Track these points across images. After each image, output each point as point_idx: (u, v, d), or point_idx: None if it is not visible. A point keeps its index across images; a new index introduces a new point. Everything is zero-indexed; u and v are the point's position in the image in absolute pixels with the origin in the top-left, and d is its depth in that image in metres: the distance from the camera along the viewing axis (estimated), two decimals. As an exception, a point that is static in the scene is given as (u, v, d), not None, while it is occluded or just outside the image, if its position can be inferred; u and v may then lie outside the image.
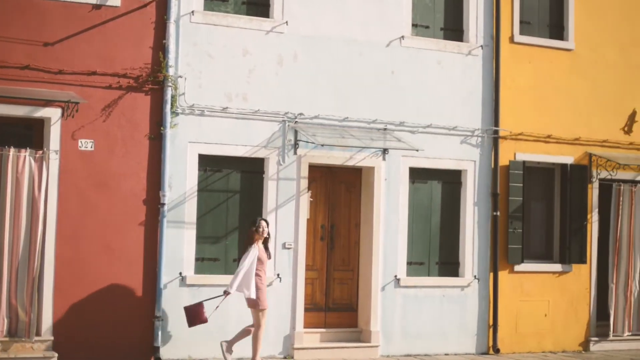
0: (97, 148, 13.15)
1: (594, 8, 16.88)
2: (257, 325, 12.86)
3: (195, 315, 12.78)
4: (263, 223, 12.91)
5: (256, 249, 12.74)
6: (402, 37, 15.17)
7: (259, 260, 12.77)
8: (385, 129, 14.94)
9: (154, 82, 13.48)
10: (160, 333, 13.34)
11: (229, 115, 13.92)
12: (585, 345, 16.51)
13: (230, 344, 13.02)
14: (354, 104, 14.78)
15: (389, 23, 15.11)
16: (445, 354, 15.28)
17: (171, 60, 13.55)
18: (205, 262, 13.91)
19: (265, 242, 13.02)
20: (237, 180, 14.18)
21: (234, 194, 14.14)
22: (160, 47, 13.54)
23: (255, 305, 12.76)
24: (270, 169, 14.20)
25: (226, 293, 12.59)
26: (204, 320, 12.81)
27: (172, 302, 13.46)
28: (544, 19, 16.65)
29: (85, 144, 13.08)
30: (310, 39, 14.53)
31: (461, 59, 15.65)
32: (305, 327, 14.42)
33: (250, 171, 14.20)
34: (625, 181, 16.84)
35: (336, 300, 15.04)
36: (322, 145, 13.90)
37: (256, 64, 14.15)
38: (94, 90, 13.13)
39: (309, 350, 14.22)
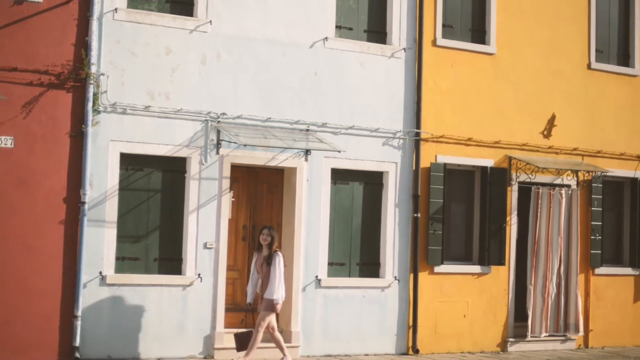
0: (16, 145, 13.44)
1: (516, 13, 17.71)
2: (272, 327, 13.72)
3: (245, 342, 13.56)
4: (265, 231, 13.58)
5: (254, 257, 13.69)
6: (326, 38, 15.76)
7: (258, 269, 13.60)
8: (307, 130, 15.51)
9: (76, 79, 13.83)
10: (79, 332, 13.70)
11: (152, 114, 14.34)
12: (503, 345, 17.31)
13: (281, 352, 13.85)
14: (277, 105, 15.32)
15: (313, 24, 15.68)
16: (365, 355, 15.89)
17: (93, 58, 13.91)
18: (125, 262, 14.30)
19: (270, 249, 13.61)
20: (158, 179, 14.59)
21: (155, 193, 14.57)
22: (82, 45, 13.89)
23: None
24: (192, 168, 14.64)
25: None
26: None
27: (92, 302, 13.84)
28: (467, 23, 17.42)
29: (5, 141, 13.36)
30: (234, 39, 15.02)
31: (384, 62, 16.31)
32: (225, 327, 14.88)
33: (172, 170, 14.64)
34: (544, 184, 17.71)
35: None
36: (245, 145, 14.38)
37: (179, 63, 14.59)
38: (14, 87, 13.41)
39: (229, 351, 14.64)
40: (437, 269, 16.59)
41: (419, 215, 16.37)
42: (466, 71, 17.12)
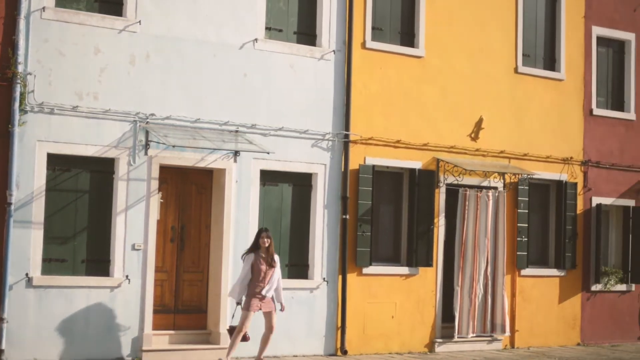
0: (-59, 145, 13.57)
1: (444, 17, 18.26)
2: (273, 328, 14.43)
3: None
4: (263, 234, 14.16)
5: (250, 258, 14.11)
6: (256, 40, 16.11)
7: (257, 269, 14.04)
8: (237, 131, 15.83)
9: (2, 78, 13.94)
10: (5, 335, 13.83)
11: (79, 114, 14.53)
12: (430, 346, 17.84)
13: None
14: (207, 106, 15.62)
15: (243, 26, 16.01)
16: (294, 356, 16.25)
17: (20, 57, 14.05)
18: (52, 263, 14.46)
19: (269, 251, 14.19)
20: (86, 180, 14.78)
21: (83, 194, 14.75)
22: (9, 43, 14.03)
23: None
24: (121, 169, 14.87)
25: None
26: (246, 339, 14.31)
27: (18, 304, 13.99)
28: (396, 26, 17.90)
29: None
30: (163, 39, 15.28)
31: (314, 64, 16.71)
32: (154, 329, 15.14)
33: (100, 171, 14.84)
34: (471, 186, 18.29)
35: (186, 301, 15.85)
36: (174, 146, 14.65)
37: (108, 63, 14.81)
38: (-61, 86, 13.54)
39: (157, 353, 14.94)
40: (365, 270, 17.03)
41: (347, 216, 16.80)
42: (395, 74, 17.60)
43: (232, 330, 14.33)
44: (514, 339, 18.89)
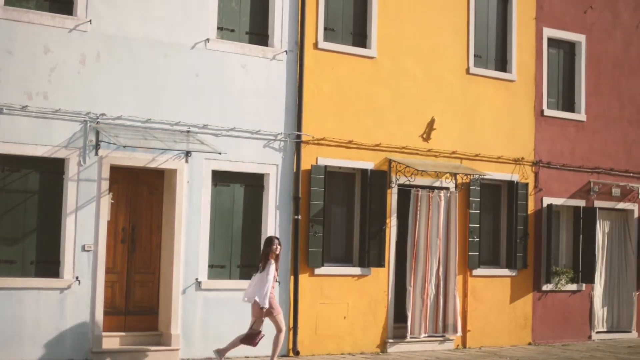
0: None
1: (397, 18, 18.50)
2: (279, 329, 14.71)
3: (250, 339, 14.69)
4: (276, 241, 14.59)
5: (273, 265, 14.45)
6: (207, 40, 16.22)
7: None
8: (188, 132, 15.93)
9: (-50, 78, 13.98)
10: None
11: (29, 114, 14.55)
12: (382, 346, 18.06)
13: (222, 352, 14.77)
14: (158, 106, 15.70)
15: (195, 25, 16.12)
16: (246, 357, 16.34)
17: (-32, 56, 14.10)
18: (1, 265, 14.45)
19: (277, 259, 14.66)
20: (36, 180, 14.80)
21: (32, 194, 14.77)
22: (-43, 43, 14.06)
23: (270, 313, 14.56)
24: (71, 169, 14.90)
25: (263, 309, 14.46)
26: (253, 345, 14.78)
27: (-34, 305, 14.01)
28: (348, 27, 18.12)
29: None
30: (114, 39, 15.35)
31: (266, 64, 16.87)
32: (104, 331, 15.20)
33: (50, 172, 14.87)
34: (423, 187, 18.54)
35: (137, 303, 15.91)
36: (124, 146, 14.72)
37: (58, 63, 14.84)
38: None
39: (108, 354, 15.00)
40: (317, 270, 17.21)
41: (299, 217, 16.97)
42: (347, 74, 17.81)
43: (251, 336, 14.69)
44: (466, 339, 19.18)
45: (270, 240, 14.71)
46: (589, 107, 21.67)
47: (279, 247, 14.62)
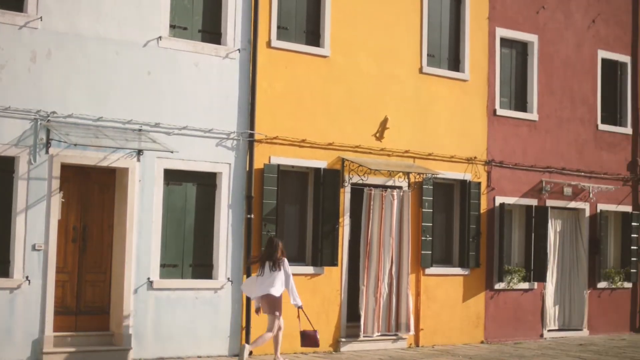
0: None
1: (350, 16, 18.65)
2: (271, 328, 15.60)
3: (311, 339, 16.03)
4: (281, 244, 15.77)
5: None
6: (160, 37, 16.25)
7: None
8: (140, 130, 15.95)
9: None
10: None
11: (-22, 112, 14.52)
12: (336, 346, 18.20)
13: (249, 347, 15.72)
14: (110, 104, 15.70)
15: (147, 23, 16.13)
16: (198, 357, 16.44)
17: None
18: (-51, 264, 14.44)
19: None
20: (-15, 179, 14.79)
21: (-19, 193, 14.76)
22: None
23: (277, 311, 15.55)
24: (21, 168, 14.85)
25: (299, 307, 15.90)
26: (316, 345, 16.11)
27: None
28: (301, 25, 18.24)
29: None
30: (65, 36, 15.32)
31: (219, 62, 16.93)
32: (55, 331, 15.16)
33: (0, 170, 14.80)
34: (376, 186, 18.72)
35: (88, 303, 15.91)
36: (75, 145, 14.72)
37: (8, 60, 14.78)
38: None
39: (58, 355, 14.96)
40: (270, 270, 17.30)
41: (252, 216, 17.06)
42: (301, 73, 17.93)
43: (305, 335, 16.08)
44: (419, 338, 19.38)
45: (274, 241, 15.67)
46: (541, 107, 21.99)
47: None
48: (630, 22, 24.14)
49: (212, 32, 17.10)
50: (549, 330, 22.10)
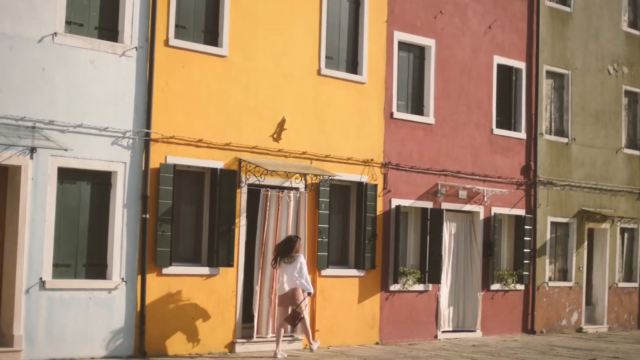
0: None
1: (249, 16, 18.85)
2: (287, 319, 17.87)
3: (296, 317, 17.77)
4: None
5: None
6: (55, 34, 16.19)
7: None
8: (34, 127, 15.86)
9: None
10: None
11: None
12: (231, 347, 18.37)
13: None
14: (2, 100, 15.54)
15: (42, 19, 16.04)
16: (92, 358, 16.43)
17: None
18: None
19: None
20: None
21: None
22: None
23: (297, 301, 17.73)
24: None
25: (310, 294, 18.13)
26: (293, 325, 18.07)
27: None
28: (200, 24, 18.36)
29: None
30: (-43, 31, 15.23)
31: (115, 60, 16.96)
32: (-58, 332, 15.05)
33: None
34: (273, 187, 18.95)
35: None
36: (-34, 141, 14.65)
37: None
38: None
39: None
40: (165, 270, 17.39)
41: (147, 216, 17.11)
42: (198, 72, 18.05)
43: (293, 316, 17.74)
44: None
45: (292, 238, 18.00)
46: (438, 111, 22.52)
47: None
48: (526, 29, 24.90)
49: (109, 29, 17.09)
50: (444, 332, 22.66)
